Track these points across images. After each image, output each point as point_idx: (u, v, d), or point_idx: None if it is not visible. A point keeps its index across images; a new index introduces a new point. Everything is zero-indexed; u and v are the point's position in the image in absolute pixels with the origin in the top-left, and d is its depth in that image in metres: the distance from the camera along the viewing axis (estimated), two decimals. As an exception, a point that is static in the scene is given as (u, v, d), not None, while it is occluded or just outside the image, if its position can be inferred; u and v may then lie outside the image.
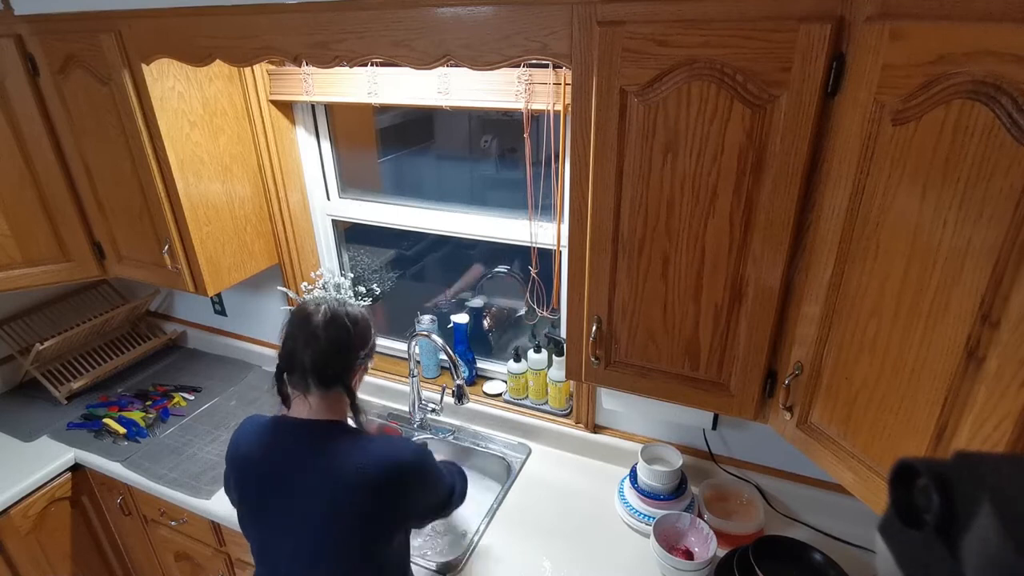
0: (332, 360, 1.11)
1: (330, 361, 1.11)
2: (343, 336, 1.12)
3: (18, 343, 2.09)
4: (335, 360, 1.12)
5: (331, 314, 1.12)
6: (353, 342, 1.13)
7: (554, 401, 1.79)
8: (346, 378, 1.13)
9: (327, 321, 1.11)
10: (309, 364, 1.10)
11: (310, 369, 1.10)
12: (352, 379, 1.15)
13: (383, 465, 1.09)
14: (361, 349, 1.15)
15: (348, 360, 1.13)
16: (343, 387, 1.13)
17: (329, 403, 1.14)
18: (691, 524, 1.43)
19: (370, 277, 2.06)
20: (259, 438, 1.17)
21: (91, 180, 1.77)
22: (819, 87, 0.87)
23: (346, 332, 1.12)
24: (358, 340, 1.14)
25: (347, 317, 1.13)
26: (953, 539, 0.33)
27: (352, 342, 1.13)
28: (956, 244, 0.74)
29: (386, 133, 1.95)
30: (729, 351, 1.13)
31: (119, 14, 1.44)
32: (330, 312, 1.12)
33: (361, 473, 1.07)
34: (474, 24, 1.09)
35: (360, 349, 1.15)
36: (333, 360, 1.11)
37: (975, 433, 0.75)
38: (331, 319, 1.11)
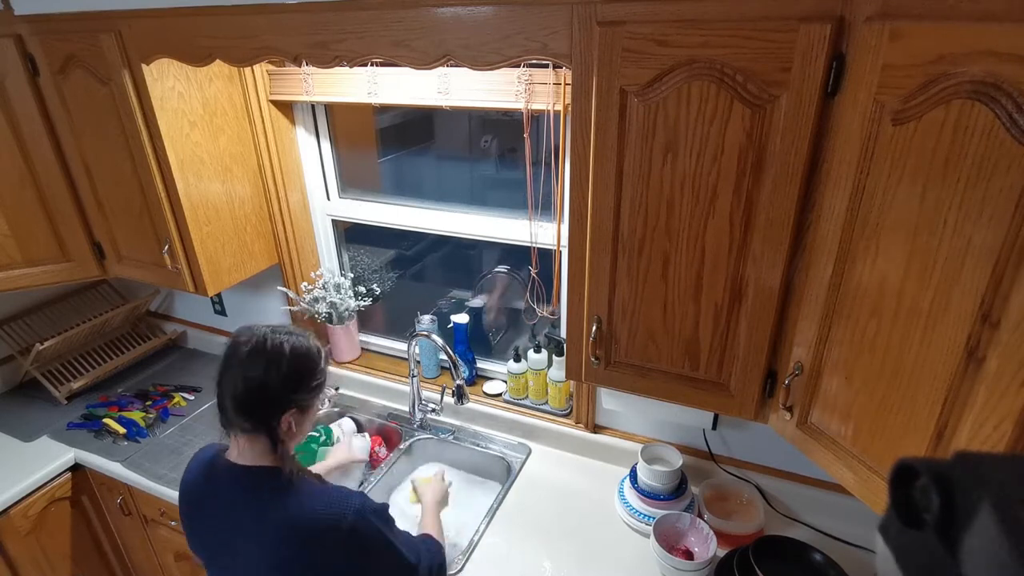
0: (253, 399, 0.98)
1: (250, 400, 0.98)
2: (262, 374, 0.97)
3: (18, 343, 2.09)
4: (256, 400, 0.98)
5: (254, 347, 0.98)
6: (277, 382, 0.98)
7: (554, 401, 1.79)
8: (272, 420, 0.99)
9: (250, 352, 0.98)
10: (229, 401, 0.99)
11: (230, 407, 0.99)
12: (279, 423, 0.99)
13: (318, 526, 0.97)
14: (293, 390, 1.00)
15: (273, 401, 0.98)
16: (266, 431, 0.99)
17: (257, 447, 1.01)
18: (691, 524, 1.43)
19: (370, 277, 2.06)
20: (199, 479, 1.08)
21: (91, 180, 1.77)
22: (819, 87, 0.87)
23: (272, 368, 0.97)
24: (289, 379, 0.99)
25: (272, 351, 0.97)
26: (953, 539, 0.33)
27: (278, 380, 0.98)
28: (956, 244, 0.74)
29: (386, 133, 1.95)
30: (729, 351, 1.13)
31: (119, 14, 1.44)
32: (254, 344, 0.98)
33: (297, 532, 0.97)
34: (474, 24, 1.09)
35: (292, 390, 0.99)
36: (254, 399, 0.98)
37: (975, 433, 0.75)
38: (252, 352, 0.98)
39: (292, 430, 1.02)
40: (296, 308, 2.02)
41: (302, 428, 1.05)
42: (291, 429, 1.02)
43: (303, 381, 1.02)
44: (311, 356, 1.03)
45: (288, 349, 0.99)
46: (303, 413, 1.04)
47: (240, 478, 1.02)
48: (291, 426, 1.01)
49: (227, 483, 1.03)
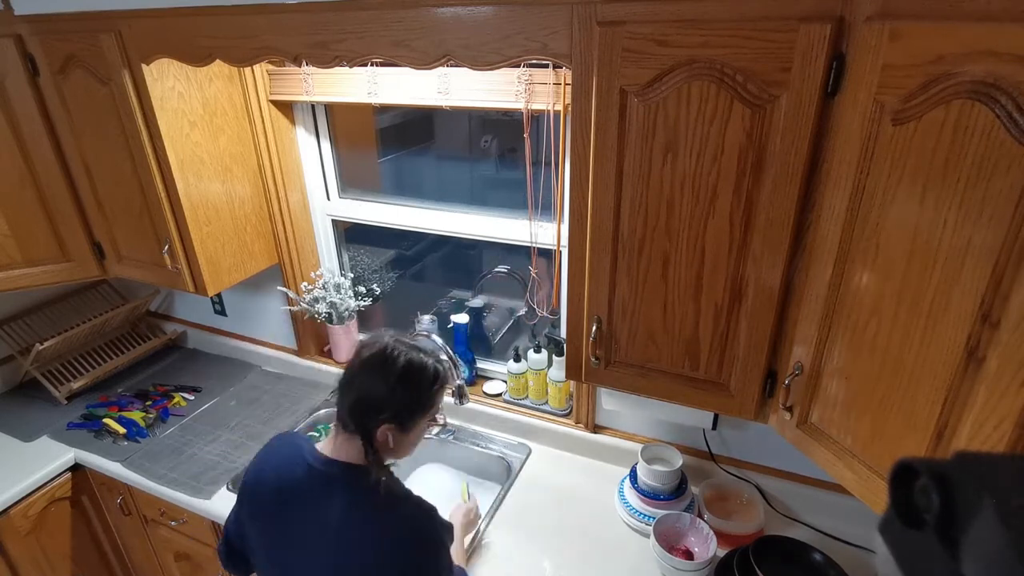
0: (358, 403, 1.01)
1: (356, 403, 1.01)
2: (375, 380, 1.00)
3: (18, 343, 2.09)
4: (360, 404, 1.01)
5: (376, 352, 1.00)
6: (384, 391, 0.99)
7: (554, 401, 1.79)
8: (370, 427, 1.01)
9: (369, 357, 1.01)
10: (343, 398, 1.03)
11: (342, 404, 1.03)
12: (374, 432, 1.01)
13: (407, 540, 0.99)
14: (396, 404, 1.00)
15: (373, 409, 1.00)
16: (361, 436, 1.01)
17: (353, 448, 1.03)
18: (691, 524, 1.43)
19: (370, 277, 2.06)
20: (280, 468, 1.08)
21: (91, 180, 1.77)
22: (819, 87, 0.87)
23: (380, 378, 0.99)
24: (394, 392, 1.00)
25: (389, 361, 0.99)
26: (953, 539, 0.33)
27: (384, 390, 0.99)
28: (956, 244, 0.74)
29: (386, 133, 1.95)
30: (729, 351, 1.13)
31: (119, 14, 1.44)
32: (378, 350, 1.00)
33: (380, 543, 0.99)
34: (474, 24, 1.09)
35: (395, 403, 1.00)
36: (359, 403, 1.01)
37: (975, 433, 0.75)
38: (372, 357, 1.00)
39: (389, 444, 1.03)
40: (296, 308, 2.02)
41: (400, 446, 1.05)
42: (387, 442, 1.02)
43: (411, 395, 1.02)
44: (424, 375, 1.03)
45: (402, 362, 1.00)
46: (403, 430, 1.03)
47: (334, 471, 1.04)
48: (388, 440, 1.02)
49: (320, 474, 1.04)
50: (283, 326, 2.18)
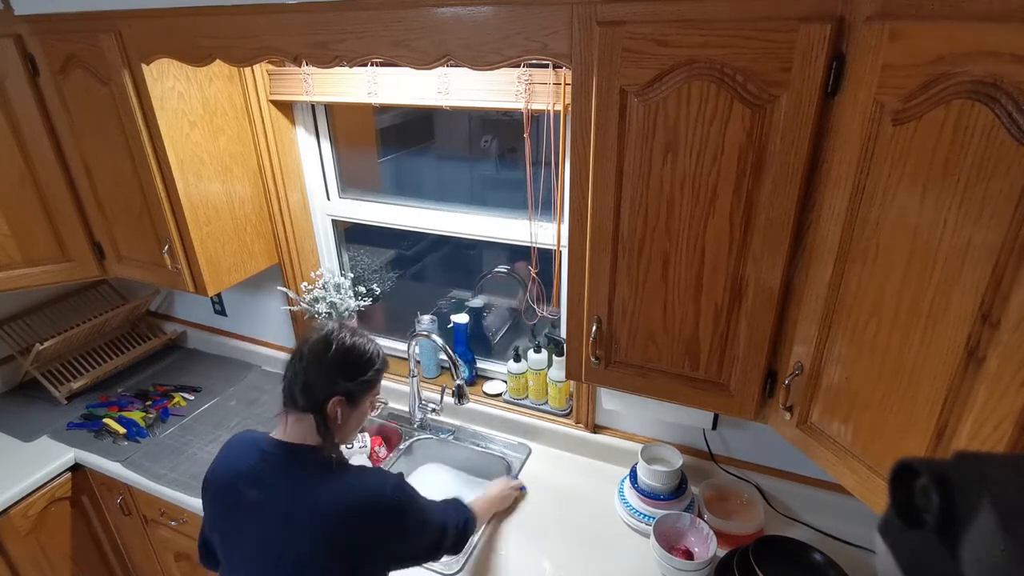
0: (308, 378, 1.08)
1: (305, 379, 1.08)
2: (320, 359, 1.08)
3: (18, 343, 2.09)
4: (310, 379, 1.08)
5: (320, 336, 1.10)
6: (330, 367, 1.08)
7: (554, 401, 1.79)
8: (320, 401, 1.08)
9: (314, 341, 1.09)
10: (289, 381, 1.10)
11: (289, 386, 1.10)
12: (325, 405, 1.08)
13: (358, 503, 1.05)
14: (341, 377, 1.09)
15: (323, 383, 1.08)
16: (313, 412, 1.08)
17: (304, 426, 1.10)
18: (691, 524, 1.43)
19: (370, 277, 2.06)
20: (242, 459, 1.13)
21: (91, 180, 1.77)
22: (819, 87, 0.87)
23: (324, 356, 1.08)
24: (337, 367, 1.08)
25: (335, 342, 1.09)
26: (953, 539, 0.33)
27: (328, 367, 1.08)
28: (956, 244, 0.74)
29: (386, 133, 1.95)
30: (729, 351, 1.13)
31: (119, 14, 1.44)
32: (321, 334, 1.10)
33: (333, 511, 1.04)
34: (474, 24, 1.09)
35: (341, 377, 1.09)
36: (308, 379, 1.08)
37: (975, 433, 0.75)
38: (317, 340, 1.09)
39: (338, 419, 1.10)
40: (296, 308, 2.02)
41: (348, 421, 1.13)
42: (337, 417, 1.09)
43: (356, 372, 1.10)
44: (366, 353, 1.12)
45: (348, 342, 1.10)
46: (351, 404, 1.11)
47: (286, 452, 1.10)
48: (338, 415, 1.09)
49: (272, 457, 1.10)
50: (283, 326, 2.18)
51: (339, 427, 1.11)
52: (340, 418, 1.10)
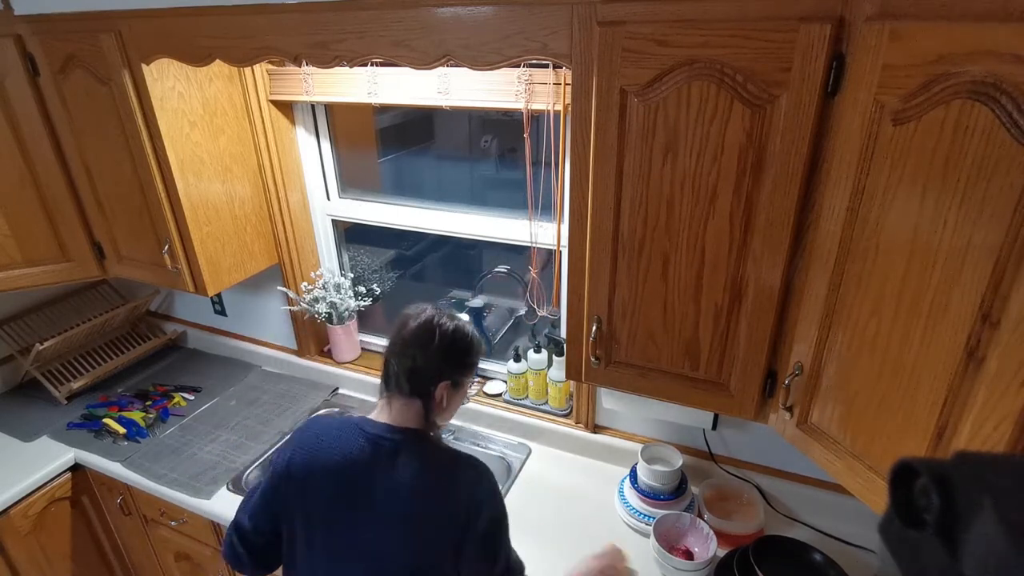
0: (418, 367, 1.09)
1: (415, 367, 1.09)
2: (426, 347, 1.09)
3: (18, 343, 2.09)
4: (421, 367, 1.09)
5: (422, 323, 1.10)
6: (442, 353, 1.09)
7: (554, 401, 1.79)
8: (430, 387, 1.09)
9: (416, 329, 1.10)
10: (395, 370, 1.10)
11: (396, 372, 1.10)
12: (434, 391, 1.10)
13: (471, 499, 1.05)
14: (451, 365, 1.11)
15: (434, 370, 1.09)
16: (421, 398, 1.10)
17: (410, 412, 1.11)
18: (691, 524, 1.43)
19: (370, 277, 2.06)
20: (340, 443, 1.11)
21: (91, 180, 1.77)
22: (819, 87, 0.87)
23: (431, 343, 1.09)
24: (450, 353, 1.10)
25: (438, 328, 1.09)
26: (953, 539, 0.33)
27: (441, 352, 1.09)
28: (956, 244, 0.74)
29: (386, 133, 1.95)
30: (729, 351, 1.13)
31: (119, 14, 1.44)
32: (422, 321, 1.10)
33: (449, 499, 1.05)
34: (474, 24, 1.09)
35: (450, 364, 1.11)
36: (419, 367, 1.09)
37: (975, 433, 0.75)
38: (420, 327, 1.10)
39: (443, 403, 1.12)
40: (296, 308, 2.02)
41: (452, 403, 1.15)
42: (442, 402, 1.11)
43: (461, 358, 1.13)
44: (470, 338, 1.14)
45: (450, 327, 1.11)
46: (455, 388, 1.14)
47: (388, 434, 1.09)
48: (443, 398, 1.11)
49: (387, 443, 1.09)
50: (283, 326, 2.18)
51: (443, 410, 1.13)
52: (445, 401, 1.12)
